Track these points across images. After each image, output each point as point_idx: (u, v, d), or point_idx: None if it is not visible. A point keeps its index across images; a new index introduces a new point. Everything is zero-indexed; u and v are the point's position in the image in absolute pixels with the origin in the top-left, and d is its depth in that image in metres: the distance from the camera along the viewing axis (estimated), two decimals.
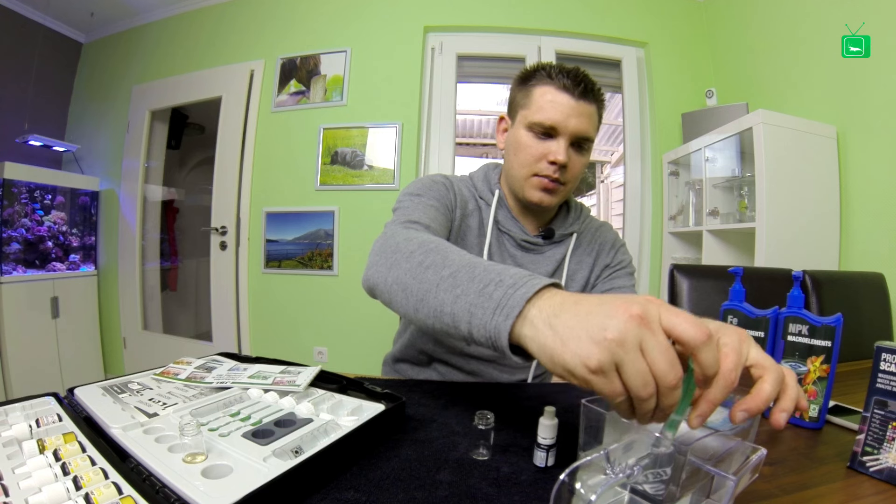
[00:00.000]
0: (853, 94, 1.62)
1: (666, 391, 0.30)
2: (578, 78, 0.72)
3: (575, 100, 0.71)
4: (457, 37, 2.45)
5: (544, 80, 0.73)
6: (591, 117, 0.73)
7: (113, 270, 2.87)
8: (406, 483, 0.41)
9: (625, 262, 0.88)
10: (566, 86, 0.71)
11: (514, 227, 0.83)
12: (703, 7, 2.48)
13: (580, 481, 0.30)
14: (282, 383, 0.56)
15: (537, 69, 0.75)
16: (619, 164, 3.52)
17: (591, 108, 0.73)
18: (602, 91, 0.76)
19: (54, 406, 0.49)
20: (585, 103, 0.72)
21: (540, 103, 0.73)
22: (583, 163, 0.76)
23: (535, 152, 0.74)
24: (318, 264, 2.42)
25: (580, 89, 0.71)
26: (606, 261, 0.88)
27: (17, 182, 2.43)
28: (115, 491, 0.33)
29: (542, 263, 0.85)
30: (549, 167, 0.73)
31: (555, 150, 0.72)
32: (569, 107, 0.71)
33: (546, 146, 0.73)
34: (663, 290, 2.26)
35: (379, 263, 0.53)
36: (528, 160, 0.75)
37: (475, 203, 0.84)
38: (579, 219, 0.89)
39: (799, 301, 0.60)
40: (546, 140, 0.74)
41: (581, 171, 0.77)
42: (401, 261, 0.49)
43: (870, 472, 0.45)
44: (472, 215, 0.82)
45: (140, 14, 2.84)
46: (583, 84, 0.71)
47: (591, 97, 0.73)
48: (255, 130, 2.52)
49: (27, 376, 2.33)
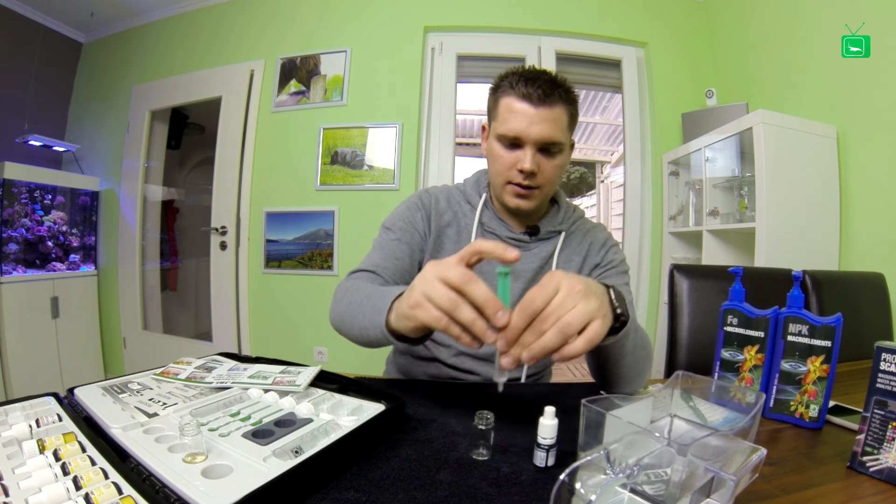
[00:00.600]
0: (853, 94, 1.62)
1: (470, 291, 0.43)
2: (538, 84, 0.72)
3: (535, 108, 0.72)
4: (457, 37, 2.45)
5: (507, 90, 0.75)
6: (555, 121, 0.73)
7: (113, 270, 2.87)
8: (406, 483, 0.41)
9: (616, 262, 0.88)
10: (525, 94, 0.72)
11: (499, 226, 0.86)
12: (703, 7, 2.48)
13: (580, 481, 0.30)
14: (282, 383, 0.56)
15: (503, 78, 0.77)
16: (619, 164, 3.53)
17: (555, 112, 0.73)
18: (571, 89, 0.76)
19: (54, 406, 0.49)
20: (546, 109, 0.72)
21: (504, 115, 0.75)
22: (554, 165, 0.77)
23: (505, 162, 0.77)
24: (318, 264, 2.42)
25: (539, 95, 0.72)
26: (596, 260, 0.88)
27: (17, 182, 2.43)
28: (115, 491, 0.33)
29: (529, 260, 0.86)
30: (519, 175, 0.76)
31: (522, 159, 0.74)
32: (529, 116, 0.72)
33: (515, 155, 0.76)
34: (663, 289, 2.26)
35: (332, 308, 0.73)
36: (500, 170, 0.78)
37: (454, 213, 0.88)
38: (569, 218, 0.90)
39: (799, 301, 0.60)
40: (514, 150, 0.76)
41: (555, 173, 0.78)
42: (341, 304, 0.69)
43: (870, 472, 0.45)
44: (450, 225, 0.87)
45: (140, 14, 2.84)
46: (541, 90, 0.72)
47: (554, 100, 0.73)
48: (255, 130, 2.52)
49: (27, 376, 2.33)
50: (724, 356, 0.67)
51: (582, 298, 0.43)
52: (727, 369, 0.67)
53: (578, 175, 5.80)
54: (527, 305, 0.43)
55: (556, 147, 0.76)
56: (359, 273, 0.77)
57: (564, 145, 0.77)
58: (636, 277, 2.38)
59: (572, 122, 0.78)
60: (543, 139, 0.73)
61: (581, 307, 0.42)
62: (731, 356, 0.66)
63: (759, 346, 0.63)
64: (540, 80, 0.72)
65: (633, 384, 0.66)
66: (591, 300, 0.43)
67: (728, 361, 0.66)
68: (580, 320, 0.42)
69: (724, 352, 0.67)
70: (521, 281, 0.85)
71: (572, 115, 0.77)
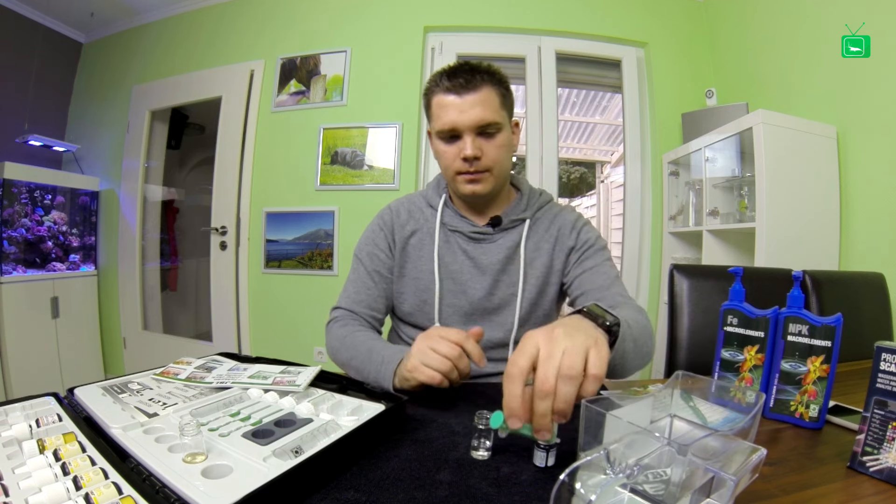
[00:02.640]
0: (853, 94, 1.62)
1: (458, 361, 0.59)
2: (459, 74, 0.76)
3: (461, 97, 0.75)
4: (457, 37, 2.45)
5: (434, 90, 0.79)
6: (484, 103, 0.76)
7: (113, 270, 2.87)
8: (406, 483, 0.41)
9: (591, 240, 0.88)
10: (450, 87, 0.76)
11: (460, 222, 0.88)
12: (703, 7, 2.48)
13: (580, 481, 0.30)
14: (282, 383, 0.56)
15: (430, 82, 0.80)
16: (619, 164, 3.53)
17: (483, 94, 0.76)
18: (494, 71, 0.79)
19: (54, 406, 0.49)
20: (473, 94, 0.75)
21: (437, 113, 0.79)
22: (497, 145, 0.79)
23: (449, 155, 0.80)
24: (318, 264, 2.42)
25: (462, 83, 0.75)
26: (570, 244, 0.88)
27: (17, 182, 2.43)
28: (115, 491, 0.33)
29: (494, 252, 0.86)
30: (464, 163, 0.78)
31: (463, 147, 0.77)
32: (457, 106, 0.76)
33: (457, 146, 0.79)
34: (663, 290, 2.26)
35: (333, 354, 0.81)
36: (447, 163, 0.81)
37: (416, 221, 0.91)
38: (534, 204, 0.90)
39: (799, 301, 0.60)
40: (455, 142, 0.79)
41: (499, 153, 0.80)
42: (341, 354, 0.78)
43: (870, 472, 0.45)
44: (414, 234, 0.90)
45: (140, 14, 2.84)
46: (463, 78, 0.75)
47: (478, 84, 0.75)
48: (255, 130, 2.52)
49: (27, 376, 2.33)
50: (724, 356, 0.67)
51: (565, 339, 0.41)
52: (727, 369, 0.67)
53: (578, 175, 5.80)
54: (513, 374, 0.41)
55: (493, 127, 0.78)
56: (341, 314, 0.86)
57: (502, 124, 0.79)
58: (636, 277, 2.38)
59: (505, 100, 0.80)
60: (477, 123, 0.76)
61: (570, 348, 0.40)
62: (731, 356, 0.66)
63: (759, 346, 0.63)
64: (460, 71, 0.76)
65: (640, 365, 0.69)
66: (575, 336, 0.42)
67: (728, 361, 0.66)
68: (579, 359, 0.40)
69: (724, 352, 0.67)
70: (488, 275, 0.86)
71: (503, 95, 0.80)
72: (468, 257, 0.87)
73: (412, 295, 0.88)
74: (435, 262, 0.86)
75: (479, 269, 0.86)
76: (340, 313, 0.87)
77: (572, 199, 5.86)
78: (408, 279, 0.88)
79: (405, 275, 0.89)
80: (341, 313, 0.87)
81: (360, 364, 0.71)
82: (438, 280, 0.85)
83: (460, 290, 0.86)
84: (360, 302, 0.87)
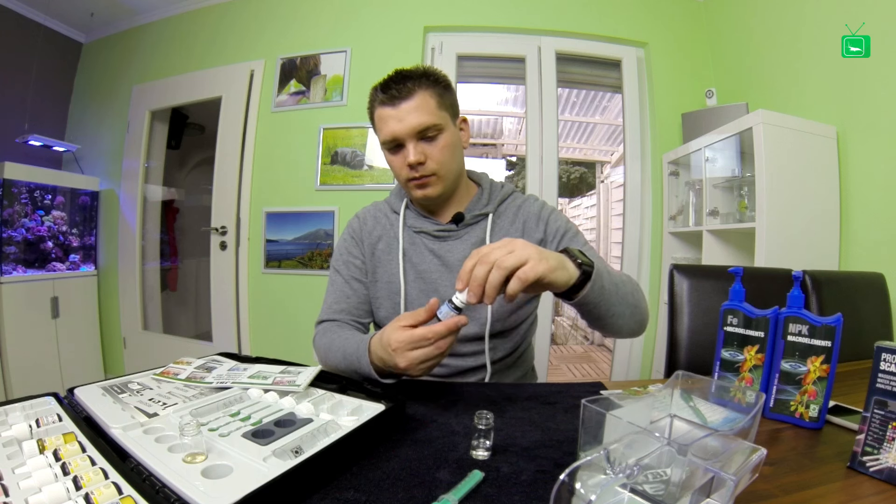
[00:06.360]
0: (853, 94, 1.62)
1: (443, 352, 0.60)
2: (391, 85, 0.78)
3: (396, 107, 0.77)
4: (457, 37, 2.45)
5: (374, 104, 0.82)
6: (419, 109, 0.77)
7: (113, 270, 2.87)
8: (406, 483, 0.41)
9: (562, 228, 0.88)
10: (385, 99, 0.78)
11: (424, 223, 0.89)
12: (703, 7, 2.48)
13: (580, 481, 0.30)
14: (282, 383, 0.56)
15: (369, 96, 0.83)
16: (619, 165, 3.53)
17: (417, 100, 0.77)
18: (427, 73, 0.80)
19: (54, 406, 0.49)
20: (406, 102, 0.77)
21: (378, 126, 0.82)
22: (440, 147, 0.80)
23: (397, 164, 0.82)
24: (318, 264, 2.42)
25: (394, 94, 0.77)
26: (538, 235, 0.88)
27: (17, 182, 2.43)
28: (115, 491, 0.33)
29: (460, 248, 0.87)
30: (411, 170, 0.80)
31: (407, 155, 0.79)
32: (394, 116, 0.78)
33: (402, 155, 0.80)
34: (663, 290, 2.26)
35: (322, 359, 0.82)
36: (398, 172, 0.84)
37: (382, 227, 0.92)
38: (495, 198, 0.90)
39: (799, 301, 0.60)
40: (400, 150, 0.81)
41: (444, 154, 0.80)
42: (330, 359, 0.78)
43: (870, 472, 0.45)
44: (381, 239, 0.92)
45: (140, 14, 2.84)
46: (394, 89, 0.77)
47: (410, 91, 0.77)
48: (255, 130, 2.52)
49: (27, 376, 2.33)
50: (724, 356, 0.67)
51: (523, 248, 0.53)
52: (727, 369, 0.67)
53: (578, 175, 5.80)
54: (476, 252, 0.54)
55: (433, 130, 0.79)
56: (323, 327, 0.88)
57: (442, 125, 0.80)
58: (636, 277, 2.38)
59: (443, 100, 0.81)
60: (415, 129, 0.77)
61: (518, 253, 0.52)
62: (731, 356, 0.66)
63: (759, 346, 0.63)
64: (392, 81, 0.78)
65: (632, 319, 0.70)
66: (530, 250, 0.53)
67: (728, 361, 0.66)
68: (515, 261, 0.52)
69: (724, 352, 0.67)
70: (456, 272, 0.85)
71: (441, 95, 0.80)
72: (435, 256, 0.88)
73: (386, 299, 0.89)
74: (400, 264, 0.87)
75: (448, 266, 0.87)
76: (322, 326, 0.88)
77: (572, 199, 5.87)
78: (381, 284, 0.90)
79: (378, 279, 0.90)
80: (323, 326, 0.88)
81: (347, 367, 0.72)
82: (404, 282, 0.86)
83: (431, 289, 0.86)
84: (342, 311, 0.89)
